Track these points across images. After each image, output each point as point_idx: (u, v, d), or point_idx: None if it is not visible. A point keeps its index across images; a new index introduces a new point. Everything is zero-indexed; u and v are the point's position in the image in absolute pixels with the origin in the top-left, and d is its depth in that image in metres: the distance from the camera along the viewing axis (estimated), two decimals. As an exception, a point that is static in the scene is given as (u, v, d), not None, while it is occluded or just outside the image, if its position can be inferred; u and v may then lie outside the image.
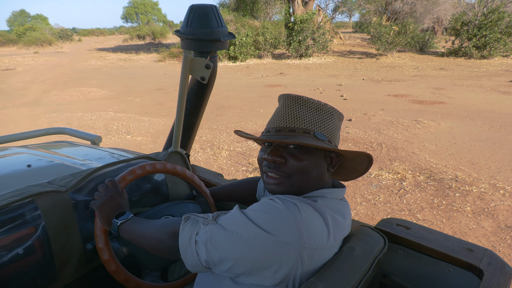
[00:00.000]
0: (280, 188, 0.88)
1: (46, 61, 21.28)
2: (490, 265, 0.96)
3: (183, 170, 1.35)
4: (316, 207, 0.82)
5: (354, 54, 19.20)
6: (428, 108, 7.21)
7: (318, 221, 0.79)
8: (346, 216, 0.91)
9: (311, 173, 0.87)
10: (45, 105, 8.48)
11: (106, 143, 5.47)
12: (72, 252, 1.15)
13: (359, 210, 3.30)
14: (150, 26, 43.07)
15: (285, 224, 0.75)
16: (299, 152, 0.86)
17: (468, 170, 4.07)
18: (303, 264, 0.77)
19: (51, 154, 1.74)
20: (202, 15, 1.09)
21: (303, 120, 0.87)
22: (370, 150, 4.81)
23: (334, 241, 0.83)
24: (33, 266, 1.07)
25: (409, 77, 11.58)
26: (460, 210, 3.22)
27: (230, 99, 8.60)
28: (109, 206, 1.04)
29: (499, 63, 14.47)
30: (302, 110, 0.88)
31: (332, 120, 0.91)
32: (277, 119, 0.90)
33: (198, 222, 0.82)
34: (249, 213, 0.79)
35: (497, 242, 2.74)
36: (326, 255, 0.82)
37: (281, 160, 0.86)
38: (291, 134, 0.86)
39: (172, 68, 16.05)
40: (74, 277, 1.18)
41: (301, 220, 0.76)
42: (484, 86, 9.60)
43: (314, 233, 0.77)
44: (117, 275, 1.05)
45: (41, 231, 1.08)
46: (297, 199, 0.82)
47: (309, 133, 0.86)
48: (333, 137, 0.91)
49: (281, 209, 0.77)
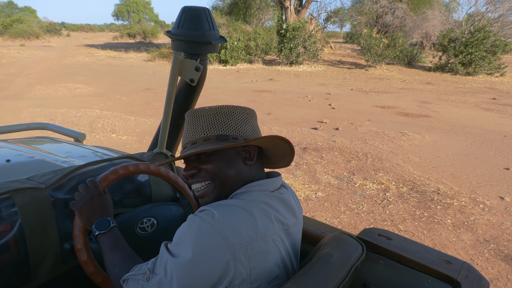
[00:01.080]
0: (208, 197, 0.93)
1: (32, 54, 20.87)
2: (467, 278, 0.98)
3: (166, 172, 1.33)
4: (238, 203, 0.84)
5: (344, 64, 19.44)
6: (413, 121, 7.33)
7: (241, 217, 0.81)
8: (276, 204, 0.90)
9: (226, 172, 0.91)
10: (29, 99, 8.29)
11: (90, 141, 5.37)
12: (48, 251, 1.12)
13: (342, 218, 3.31)
14: (141, 25, 42.81)
15: (208, 239, 0.77)
16: (206, 158, 0.91)
17: (450, 183, 4.14)
18: (243, 263, 0.79)
19: (32, 150, 1.69)
20: (194, 17, 1.09)
21: (200, 130, 0.91)
22: (356, 160, 4.85)
23: (266, 230, 0.83)
24: (6, 265, 1.03)
25: (396, 90, 11.77)
26: (441, 222, 3.27)
27: (219, 103, 8.57)
28: (90, 207, 1.02)
29: (483, 81, 14.86)
30: (200, 121, 0.92)
31: (233, 117, 0.93)
32: (183, 137, 0.96)
33: (138, 281, 0.83)
34: (174, 249, 0.81)
35: (476, 256, 2.79)
36: (262, 246, 0.82)
37: (194, 171, 0.92)
38: (193, 146, 0.91)
39: (162, 69, 15.94)
40: (49, 277, 1.15)
41: (220, 225, 0.78)
42: (468, 102, 9.83)
43: (239, 231, 0.79)
44: (95, 277, 1.02)
45: (17, 228, 1.05)
46: (216, 205, 0.84)
47: (209, 139, 0.90)
48: (239, 132, 0.92)
49: (199, 227, 0.79)
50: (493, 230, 3.15)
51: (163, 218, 1.32)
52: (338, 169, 4.55)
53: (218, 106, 0.93)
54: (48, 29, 43.45)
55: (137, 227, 1.25)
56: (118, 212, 1.31)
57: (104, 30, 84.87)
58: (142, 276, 0.83)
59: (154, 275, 0.81)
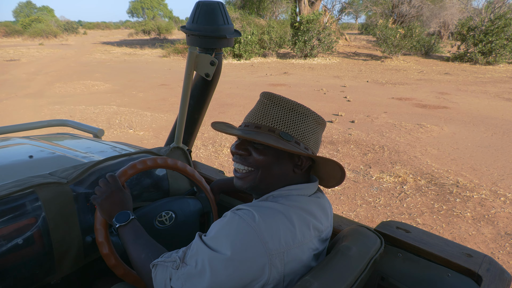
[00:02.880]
0: (245, 182, 0.91)
1: (50, 53, 21.32)
2: (489, 271, 0.96)
3: (183, 166, 1.35)
4: (278, 208, 0.83)
5: (359, 56, 19.15)
6: (431, 113, 7.19)
7: (280, 222, 0.80)
8: (315, 211, 0.90)
9: (272, 169, 0.89)
10: (49, 96, 8.50)
11: (108, 137, 5.47)
12: (71, 244, 1.15)
13: (359, 212, 3.30)
14: (156, 21, 43.04)
15: (248, 241, 0.77)
16: (261, 148, 0.88)
17: (469, 176, 4.06)
18: (278, 269, 0.78)
19: (53, 146, 1.74)
20: (208, 11, 1.09)
21: (270, 118, 0.88)
22: (372, 153, 4.80)
23: (303, 238, 0.83)
24: (32, 257, 1.07)
25: (413, 81, 11.54)
26: (460, 215, 3.21)
27: (233, 97, 8.60)
28: (110, 201, 1.04)
29: (504, 70, 14.41)
30: (273, 108, 0.89)
31: (305, 122, 0.90)
32: (249, 114, 0.93)
33: (168, 267, 0.84)
34: (211, 243, 0.80)
35: (496, 249, 2.73)
36: (298, 253, 0.82)
37: (245, 153, 0.90)
38: (256, 130, 0.88)
39: (177, 64, 16.05)
40: (72, 269, 1.18)
41: (260, 228, 0.77)
42: (489, 92, 9.57)
43: (277, 237, 0.78)
44: (116, 270, 1.05)
45: (41, 222, 1.08)
46: (255, 206, 0.83)
47: (273, 132, 0.87)
48: (304, 139, 0.89)
49: (238, 226, 0.78)
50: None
51: (181, 211, 1.34)
52: (354, 162, 4.52)
53: (296, 102, 0.91)
54: (66, 27, 44.29)
55: (156, 220, 1.27)
56: (137, 206, 1.34)
57: (119, 27, 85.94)
58: (172, 264, 0.83)
59: (184, 265, 0.81)
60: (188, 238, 1.30)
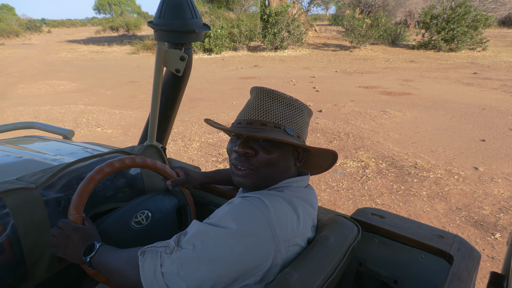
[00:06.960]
0: (247, 180, 0.90)
1: (12, 53, 20.46)
2: (459, 251, 1.02)
3: (153, 162, 1.33)
4: (284, 197, 0.85)
5: (329, 47, 19.45)
6: (395, 99, 7.46)
7: (287, 211, 0.82)
8: (313, 201, 0.96)
9: (278, 166, 0.89)
10: (11, 98, 8.22)
11: (75, 136, 5.37)
12: (43, 251, 1.12)
13: (322, 196, 3.44)
14: (124, 17, 42.03)
15: (256, 221, 0.76)
16: (269, 146, 0.87)
17: (427, 157, 4.29)
18: (281, 256, 0.80)
19: (20, 150, 1.66)
20: (175, 5, 1.07)
21: (274, 115, 0.88)
22: (338, 140, 4.97)
23: (304, 227, 0.87)
24: (3, 266, 1.04)
25: (380, 69, 11.88)
26: (416, 194, 3.41)
27: (204, 91, 8.60)
28: (72, 246, 1.01)
29: (465, 56, 15.03)
30: (274, 104, 0.90)
31: (302, 116, 0.93)
32: (249, 111, 0.91)
33: (158, 253, 0.79)
34: (217, 223, 0.78)
35: (447, 223, 2.93)
36: (299, 241, 0.86)
37: (252, 152, 0.87)
38: (262, 127, 0.87)
39: (146, 61, 15.80)
40: (47, 276, 1.15)
41: (270, 215, 0.78)
42: (450, 78, 9.98)
43: (285, 224, 0.80)
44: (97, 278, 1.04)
45: (10, 229, 1.04)
46: (263, 194, 0.84)
47: (279, 128, 0.87)
48: (302, 132, 0.93)
49: (249, 210, 0.78)
50: (466, 199, 3.30)
51: (157, 209, 1.33)
52: (320, 150, 4.65)
53: (290, 97, 0.91)
54: (28, 26, 42.55)
55: (132, 221, 1.25)
56: (113, 207, 1.33)
57: (86, 24, 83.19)
58: (164, 249, 0.78)
59: (179, 248, 0.77)
60: (167, 233, 1.32)
